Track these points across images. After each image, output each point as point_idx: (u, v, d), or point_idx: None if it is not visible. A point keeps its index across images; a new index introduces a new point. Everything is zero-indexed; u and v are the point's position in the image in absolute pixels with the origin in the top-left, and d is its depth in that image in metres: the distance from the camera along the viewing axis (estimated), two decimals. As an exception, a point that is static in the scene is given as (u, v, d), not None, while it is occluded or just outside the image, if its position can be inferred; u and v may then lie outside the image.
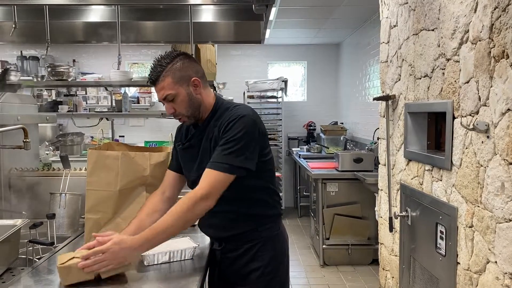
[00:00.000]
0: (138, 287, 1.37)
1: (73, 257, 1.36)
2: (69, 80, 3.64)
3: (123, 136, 6.04)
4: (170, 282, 1.41)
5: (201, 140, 1.66)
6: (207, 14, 3.91)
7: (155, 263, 1.58)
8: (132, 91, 6.58)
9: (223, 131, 1.56)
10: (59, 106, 4.70)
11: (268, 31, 5.61)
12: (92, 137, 6.48)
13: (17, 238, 1.56)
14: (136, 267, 1.53)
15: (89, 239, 1.76)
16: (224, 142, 1.54)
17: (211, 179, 1.51)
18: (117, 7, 3.11)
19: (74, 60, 6.71)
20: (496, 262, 1.85)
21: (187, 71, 1.61)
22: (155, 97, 7.18)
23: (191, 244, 1.63)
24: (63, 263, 1.33)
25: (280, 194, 4.20)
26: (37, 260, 1.67)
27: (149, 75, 1.63)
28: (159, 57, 1.62)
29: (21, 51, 6.41)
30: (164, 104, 1.64)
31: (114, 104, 4.89)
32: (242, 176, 1.56)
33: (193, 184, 1.70)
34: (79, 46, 6.90)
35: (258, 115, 1.66)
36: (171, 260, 1.61)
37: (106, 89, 5.39)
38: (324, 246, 4.35)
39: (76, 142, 4.62)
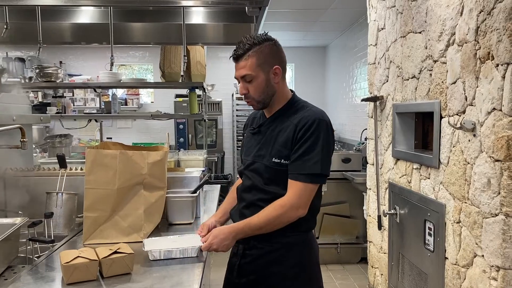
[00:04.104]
0: (139, 283, 1.39)
1: (78, 256, 1.38)
2: (58, 81, 3.63)
3: (111, 138, 5.98)
4: (171, 277, 1.44)
5: (268, 129, 1.67)
6: (197, 16, 3.93)
7: (160, 258, 1.59)
8: (119, 93, 6.55)
9: (302, 133, 1.57)
10: (47, 108, 4.66)
11: (256, 34, 5.64)
12: (79, 139, 6.45)
13: (17, 237, 1.57)
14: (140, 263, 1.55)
15: (88, 237, 1.78)
16: (305, 149, 1.56)
17: (298, 190, 1.55)
18: (110, 8, 3.12)
19: (60, 62, 6.67)
20: (483, 255, 1.92)
21: (274, 57, 1.62)
22: (142, 98, 7.16)
23: (198, 243, 1.63)
24: (67, 262, 1.35)
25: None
26: (36, 259, 1.67)
27: (235, 50, 1.63)
28: (250, 35, 1.62)
29: (7, 53, 6.32)
30: (239, 83, 1.65)
31: (103, 105, 4.88)
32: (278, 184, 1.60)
33: (245, 169, 1.71)
34: (65, 48, 6.86)
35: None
36: (174, 257, 1.62)
37: (95, 91, 5.37)
38: (313, 245, 4.41)
39: (64, 143, 4.60)
